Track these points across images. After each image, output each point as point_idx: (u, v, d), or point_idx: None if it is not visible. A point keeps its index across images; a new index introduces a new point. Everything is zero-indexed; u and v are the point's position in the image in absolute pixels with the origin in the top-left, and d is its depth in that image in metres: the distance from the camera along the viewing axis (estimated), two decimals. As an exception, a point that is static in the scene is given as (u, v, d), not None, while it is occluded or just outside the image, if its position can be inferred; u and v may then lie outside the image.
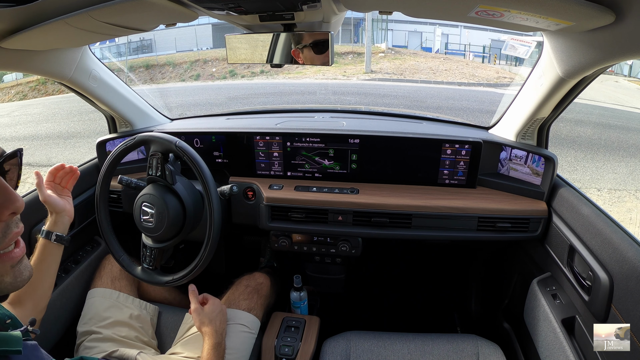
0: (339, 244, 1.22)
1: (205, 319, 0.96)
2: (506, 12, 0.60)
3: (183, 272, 1.00)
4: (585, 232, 0.89)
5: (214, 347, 0.92)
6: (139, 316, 1.08)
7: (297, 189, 1.22)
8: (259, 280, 1.20)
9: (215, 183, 0.98)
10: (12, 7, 0.64)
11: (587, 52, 0.72)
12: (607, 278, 0.78)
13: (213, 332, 0.94)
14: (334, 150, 1.23)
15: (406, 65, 12.69)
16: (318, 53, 0.84)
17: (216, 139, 1.29)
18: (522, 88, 1.09)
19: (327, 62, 0.84)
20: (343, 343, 1.02)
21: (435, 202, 1.12)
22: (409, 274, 1.76)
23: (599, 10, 0.55)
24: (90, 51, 1.14)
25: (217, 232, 0.96)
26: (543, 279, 1.06)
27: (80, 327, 1.02)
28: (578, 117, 6.24)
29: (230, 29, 0.94)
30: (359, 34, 18.17)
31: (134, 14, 0.73)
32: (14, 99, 12.19)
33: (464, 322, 1.57)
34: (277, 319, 1.18)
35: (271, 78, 11.70)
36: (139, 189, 1.06)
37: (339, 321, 1.44)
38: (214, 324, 0.96)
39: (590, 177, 4.08)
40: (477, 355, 0.98)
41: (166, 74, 13.42)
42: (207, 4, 0.70)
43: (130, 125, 1.39)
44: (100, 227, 1.06)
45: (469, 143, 1.16)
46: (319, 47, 0.84)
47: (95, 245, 1.28)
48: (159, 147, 0.98)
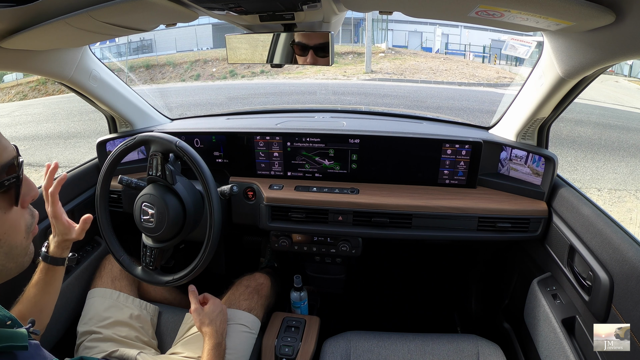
0: (339, 244, 1.22)
1: (205, 319, 0.96)
2: (506, 12, 0.60)
3: (183, 272, 1.00)
4: (585, 232, 0.89)
5: (215, 348, 0.92)
6: (139, 316, 1.08)
7: (297, 189, 1.22)
8: (259, 280, 1.20)
9: (215, 183, 0.98)
10: (12, 7, 0.64)
11: (587, 52, 0.72)
12: (607, 278, 0.78)
13: (213, 332, 0.94)
14: (334, 150, 1.23)
15: (406, 65, 12.69)
16: (318, 53, 0.84)
17: (216, 139, 1.29)
18: (522, 88, 1.09)
19: (327, 62, 0.84)
20: (343, 343, 1.02)
21: (436, 202, 1.12)
22: (409, 274, 1.76)
23: (599, 10, 0.55)
24: (91, 51, 1.14)
25: (217, 232, 0.96)
26: (543, 279, 1.06)
27: (81, 327, 1.02)
28: (578, 117, 6.23)
29: (231, 29, 0.94)
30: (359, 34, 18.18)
31: (134, 14, 0.73)
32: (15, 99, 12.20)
33: (464, 322, 1.57)
34: (277, 319, 1.18)
35: (271, 78, 11.70)
36: (139, 189, 1.06)
37: (339, 321, 1.44)
38: (214, 324, 0.96)
39: (590, 177, 4.08)
40: (477, 355, 0.98)
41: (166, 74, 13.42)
42: (207, 4, 0.70)
43: (130, 125, 1.39)
44: (101, 227, 1.06)
45: (469, 143, 1.16)
46: (319, 47, 0.84)
47: (95, 245, 1.28)
48: (159, 147, 0.98)
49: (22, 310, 0.80)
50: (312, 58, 0.85)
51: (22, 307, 0.80)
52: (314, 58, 0.85)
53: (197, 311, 0.98)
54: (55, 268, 0.84)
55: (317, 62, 0.85)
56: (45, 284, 0.83)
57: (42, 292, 0.82)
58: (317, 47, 0.84)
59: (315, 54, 0.84)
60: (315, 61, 0.85)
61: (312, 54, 0.85)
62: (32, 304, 0.81)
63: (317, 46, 0.84)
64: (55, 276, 0.84)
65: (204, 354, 0.91)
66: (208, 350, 0.91)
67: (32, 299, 0.81)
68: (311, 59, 0.85)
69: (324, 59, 0.84)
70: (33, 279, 0.83)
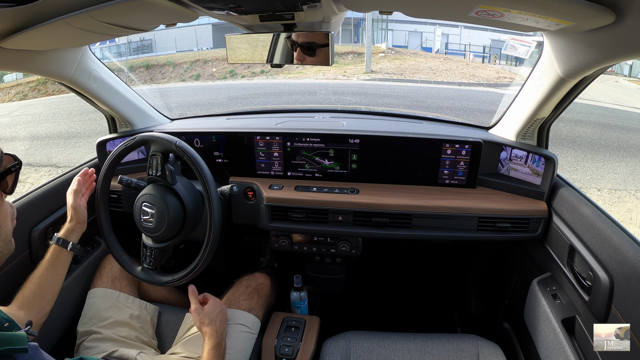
0: (339, 244, 1.22)
1: (205, 318, 0.96)
2: (506, 12, 0.60)
3: (183, 272, 1.00)
4: (585, 232, 0.89)
5: (215, 347, 0.92)
6: (139, 316, 1.08)
7: (297, 189, 1.22)
8: (259, 280, 1.20)
9: (215, 183, 0.98)
10: (12, 7, 0.65)
11: (587, 52, 0.72)
12: (607, 278, 0.78)
13: (214, 332, 0.94)
14: (334, 150, 1.23)
15: (406, 65, 12.69)
16: (318, 53, 0.84)
17: (216, 139, 1.29)
18: (522, 88, 1.09)
19: (327, 62, 0.84)
20: (343, 343, 1.02)
21: (436, 202, 1.12)
22: (409, 274, 1.75)
23: (599, 10, 0.55)
24: (91, 51, 1.14)
25: (217, 232, 0.96)
26: (543, 279, 1.06)
27: (81, 327, 1.02)
28: (578, 117, 6.23)
29: (231, 29, 0.94)
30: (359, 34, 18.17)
31: (134, 14, 0.73)
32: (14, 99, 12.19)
33: (464, 322, 1.57)
34: (277, 319, 1.18)
35: (271, 78, 11.70)
36: (139, 189, 1.06)
37: (339, 321, 1.44)
38: (214, 324, 0.96)
39: (590, 177, 4.08)
40: (477, 355, 0.98)
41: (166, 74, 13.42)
42: (207, 4, 0.70)
43: (130, 125, 1.39)
44: (100, 227, 1.06)
45: (469, 143, 1.16)
46: (319, 47, 0.84)
47: (95, 245, 1.28)
48: (159, 147, 0.98)
49: (25, 294, 0.87)
50: (312, 58, 0.85)
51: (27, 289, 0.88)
52: (314, 58, 0.85)
53: (197, 311, 0.98)
54: (62, 251, 0.95)
55: (317, 62, 0.85)
56: (52, 266, 0.93)
57: (47, 274, 0.91)
58: (317, 47, 0.84)
59: (315, 54, 0.84)
60: (315, 61, 0.85)
61: (312, 54, 0.85)
62: (37, 285, 0.89)
63: (317, 46, 0.84)
64: (60, 259, 0.94)
65: (204, 353, 0.91)
66: (208, 350, 0.91)
67: (37, 279, 0.90)
68: (311, 59, 0.85)
69: (324, 59, 0.84)
70: (42, 262, 0.93)
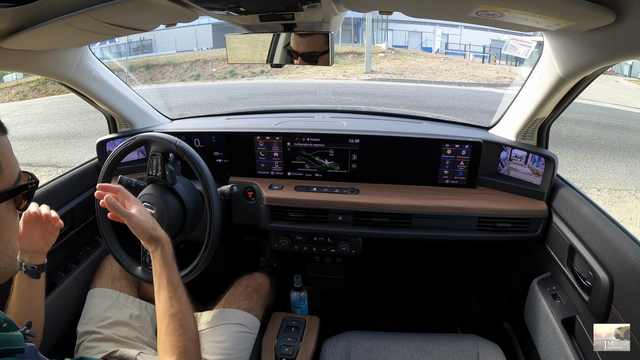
0: (339, 244, 1.22)
1: (151, 220, 0.76)
2: (506, 12, 0.60)
3: (183, 272, 1.00)
4: (585, 232, 0.89)
5: (173, 256, 0.77)
6: (139, 316, 1.08)
7: (297, 189, 1.22)
8: (259, 280, 1.19)
9: (215, 183, 0.98)
10: (12, 7, 0.65)
11: (587, 52, 0.72)
12: (607, 278, 0.78)
13: (165, 238, 0.78)
14: (334, 150, 1.23)
15: (406, 65, 12.69)
16: (318, 53, 0.84)
17: (216, 139, 1.29)
18: (522, 88, 1.09)
19: (327, 62, 0.84)
20: (343, 343, 1.02)
21: (436, 202, 1.12)
22: (409, 274, 1.75)
23: (599, 10, 0.55)
24: (91, 51, 1.14)
25: (217, 232, 0.96)
26: (543, 279, 1.06)
27: (80, 327, 1.02)
28: (578, 117, 6.23)
29: (231, 29, 0.94)
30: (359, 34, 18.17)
31: (134, 14, 0.73)
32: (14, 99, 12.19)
33: (464, 322, 1.57)
34: (277, 319, 1.18)
35: (271, 78, 11.70)
36: (139, 189, 1.06)
37: (339, 321, 1.44)
38: (159, 227, 0.78)
39: (590, 177, 4.08)
40: (477, 355, 0.98)
41: (166, 74, 13.42)
42: (207, 4, 0.70)
43: (130, 125, 1.39)
44: (100, 227, 1.06)
45: (469, 143, 1.16)
46: (319, 47, 0.84)
47: (95, 245, 1.28)
48: (159, 147, 0.98)
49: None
50: (312, 58, 0.85)
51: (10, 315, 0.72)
52: (314, 58, 0.85)
53: (138, 216, 0.75)
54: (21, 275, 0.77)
55: (317, 62, 0.85)
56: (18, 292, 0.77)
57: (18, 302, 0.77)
58: (317, 47, 0.84)
59: (315, 54, 0.84)
60: (315, 61, 0.85)
61: (312, 54, 0.85)
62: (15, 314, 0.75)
63: (317, 46, 0.84)
64: (22, 283, 0.77)
65: (171, 269, 0.75)
66: (169, 261, 0.76)
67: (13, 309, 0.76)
68: (311, 59, 0.85)
69: (324, 59, 0.84)
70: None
